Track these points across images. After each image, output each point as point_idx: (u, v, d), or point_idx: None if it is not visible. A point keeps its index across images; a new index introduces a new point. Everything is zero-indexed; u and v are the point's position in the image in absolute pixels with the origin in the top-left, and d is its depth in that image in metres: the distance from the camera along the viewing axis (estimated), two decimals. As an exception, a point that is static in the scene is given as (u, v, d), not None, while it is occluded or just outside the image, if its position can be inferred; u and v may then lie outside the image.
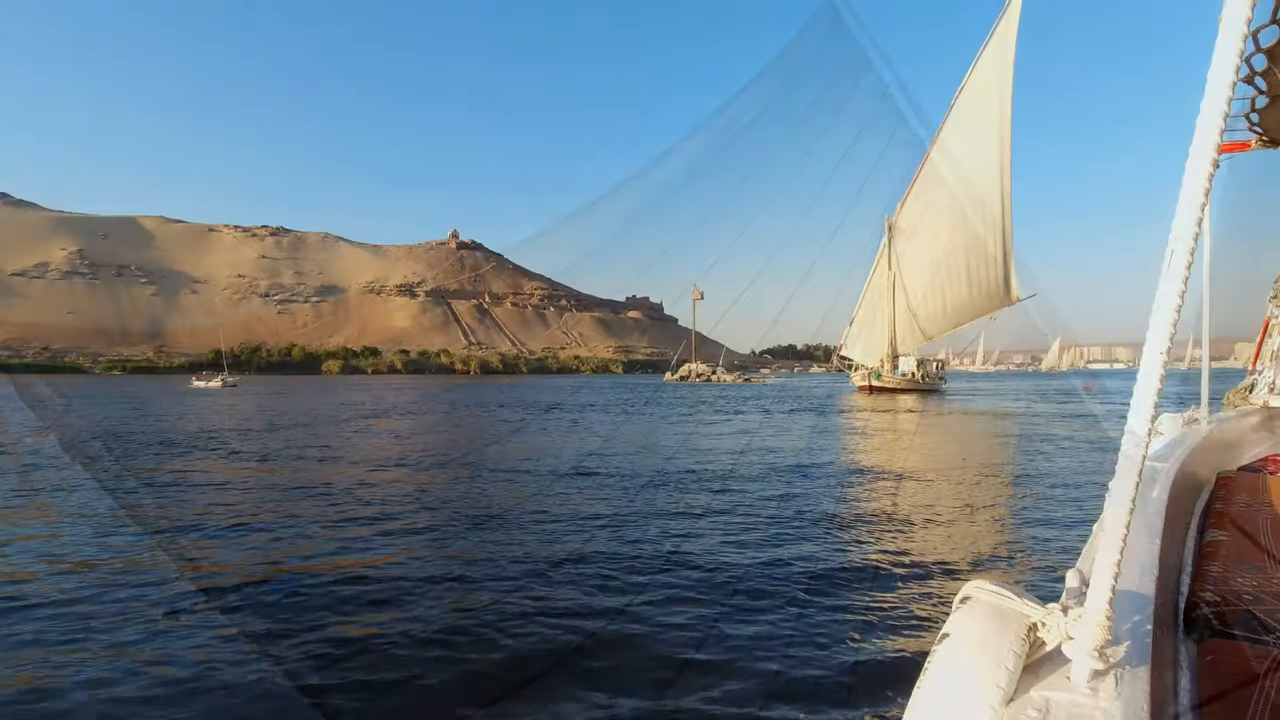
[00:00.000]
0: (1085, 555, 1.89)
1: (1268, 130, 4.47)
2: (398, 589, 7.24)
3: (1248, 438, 4.90)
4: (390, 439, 23.51)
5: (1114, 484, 1.25)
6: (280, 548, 8.98)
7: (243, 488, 13.63)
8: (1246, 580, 2.00)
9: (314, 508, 11.53)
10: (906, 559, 8.30)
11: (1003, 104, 46.32)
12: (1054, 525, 10.11)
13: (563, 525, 10.20)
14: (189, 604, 6.83)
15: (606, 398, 55.04)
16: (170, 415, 34.57)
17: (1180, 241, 1.16)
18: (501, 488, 13.65)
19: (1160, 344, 1.18)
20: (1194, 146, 1.15)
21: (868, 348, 58.53)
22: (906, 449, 20.34)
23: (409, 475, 15.23)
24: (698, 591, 7.13)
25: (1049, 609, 1.27)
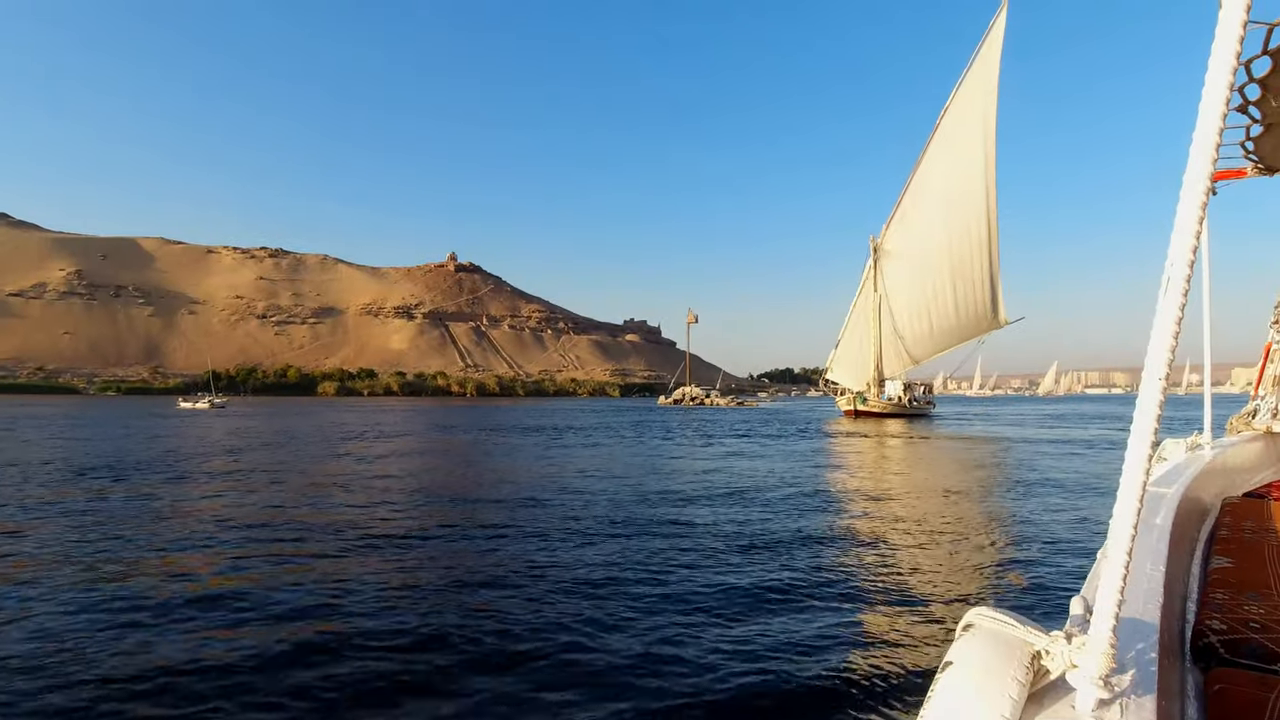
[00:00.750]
0: (1089, 582, 1.86)
1: (1263, 158, 4.51)
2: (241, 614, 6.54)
3: (1252, 463, 4.93)
4: (351, 461, 22.76)
5: (1117, 509, 1.24)
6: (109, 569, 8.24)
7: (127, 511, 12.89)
8: (1254, 608, 1.98)
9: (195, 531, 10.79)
10: (892, 586, 8.10)
11: (987, 124, 46.13)
12: (1031, 552, 9.86)
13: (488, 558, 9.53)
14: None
15: (590, 421, 54.26)
16: (133, 436, 33.78)
17: (1176, 268, 1.16)
18: (442, 513, 12.93)
19: (1159, 370, 1.18)
20: (1187, 174, 1.16)
21: (853, 371, 57.69)
22: (888, 474, 19.79)
23: (342, 501, 14.48)
24: (678, 620, 6.84)
25: (1053, 636, 1.25)
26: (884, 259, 53.95)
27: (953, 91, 48.17)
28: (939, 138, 49.44)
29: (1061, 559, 9.41)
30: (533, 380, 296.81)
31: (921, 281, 51.51)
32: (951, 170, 48.27)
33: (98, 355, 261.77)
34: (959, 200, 48.02)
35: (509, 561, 9.25)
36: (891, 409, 55.00)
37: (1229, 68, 1.12)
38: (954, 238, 48.68)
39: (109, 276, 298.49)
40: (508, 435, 36.39)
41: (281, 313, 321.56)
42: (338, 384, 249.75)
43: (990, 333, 49.46)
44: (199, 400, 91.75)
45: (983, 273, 48.03)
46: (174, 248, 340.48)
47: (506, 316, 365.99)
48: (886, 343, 54.76)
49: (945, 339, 51.76)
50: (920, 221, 51.12)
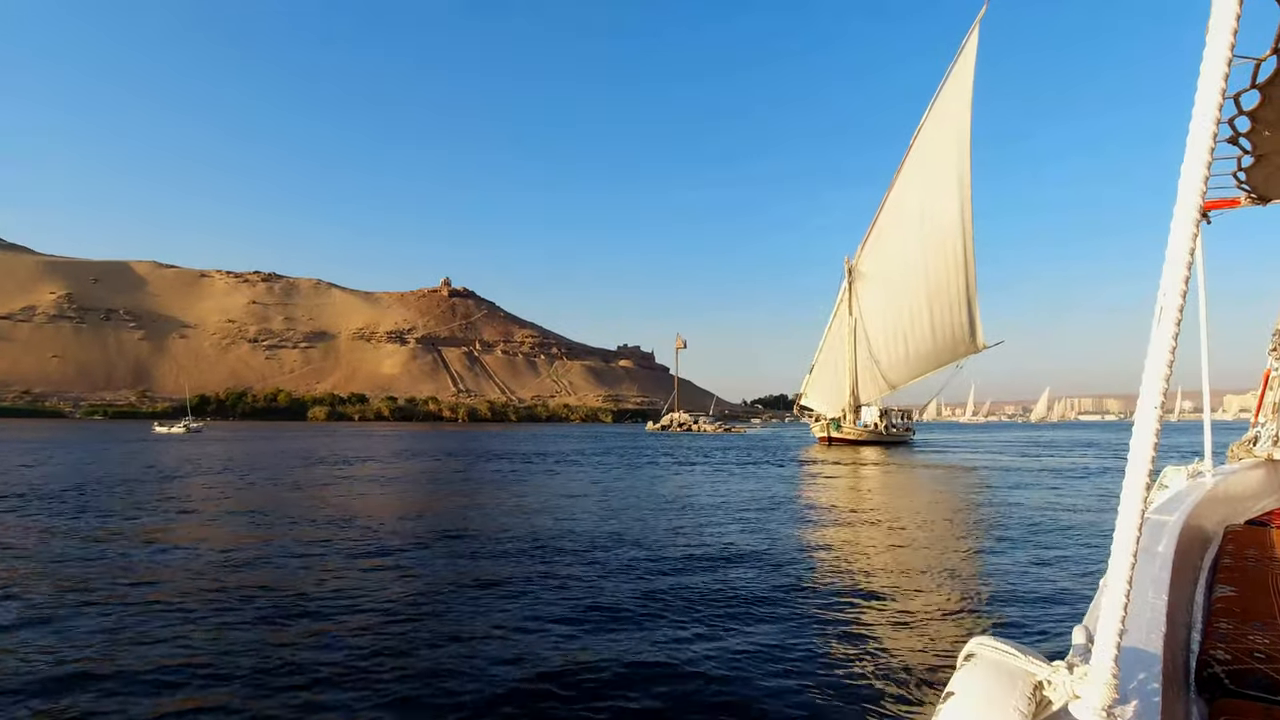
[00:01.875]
0: (1092, 611, 1.85)
1: (1255, 188, 4.55)
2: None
3: (1254, 491, 4.93)
4: (288, 489, 21.59)
5: (1116, 537, 1.23)
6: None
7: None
8: (1259, 638, 1.97)
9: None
10: (855, 626, 7.79)
11: (961, 141, 45.24)
12: (996, 585, 9.64)
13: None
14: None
15: (567, 447, 53.11)
16: (95, 461, 32.55)
17: (1169, 297, 1.16)
18: (361, 543, 11.85)
19: (1154, 398, 1.18)
20: (1178, 205, 1.17)
21: (829, 397, 55.93)
22: (854, 505, 18.86)
23: (257, 528, 13.35)
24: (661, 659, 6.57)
25: (1055, 667, 1.24)
26: (859, 281, 52.51)
27: (927, 108, 47.36)
28: (914, 155, 48.42)
29: (1027, 591, 9.22)
30: (525, 406, 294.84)
31: (897, 304, 50.09)
32: (927, 189, 47.24)
33: (86, 379, 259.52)
34: (934, 220, 46.93)
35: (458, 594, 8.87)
36: (868, 436, 53.18)
37: (1215, 103, 1.14)
38: (930, 259, 47.49)
39: (100, 300, 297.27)
40: (474, 461, 35.27)
41: (273, 337, 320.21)
42: (328, 409, 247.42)
43: (968, 357, 48.16)
44: (174, 425, 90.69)
45: (960, 295, 46.74)
46: (166, 271, 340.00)
47: (500, 342, 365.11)
48: (862, 368, 53.06)
49: (923, 363, 50.23)
50: (895, 242, 49.89)
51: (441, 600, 8.60)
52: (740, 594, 8.95)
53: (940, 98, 46.27)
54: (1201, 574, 2.86)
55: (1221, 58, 1.13)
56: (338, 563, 10.65)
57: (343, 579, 9.56)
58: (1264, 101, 3.18)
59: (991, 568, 10.76)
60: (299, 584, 9.22)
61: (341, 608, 8.11)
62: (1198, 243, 1.17)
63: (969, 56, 44.78)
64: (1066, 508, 17.85)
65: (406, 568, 10.38)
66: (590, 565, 10.62)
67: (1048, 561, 11.00)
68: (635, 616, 7.94)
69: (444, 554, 11.45)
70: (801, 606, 8.45)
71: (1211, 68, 1.14)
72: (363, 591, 8.87)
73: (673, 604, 8.49)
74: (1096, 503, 19.12)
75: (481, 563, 10.79)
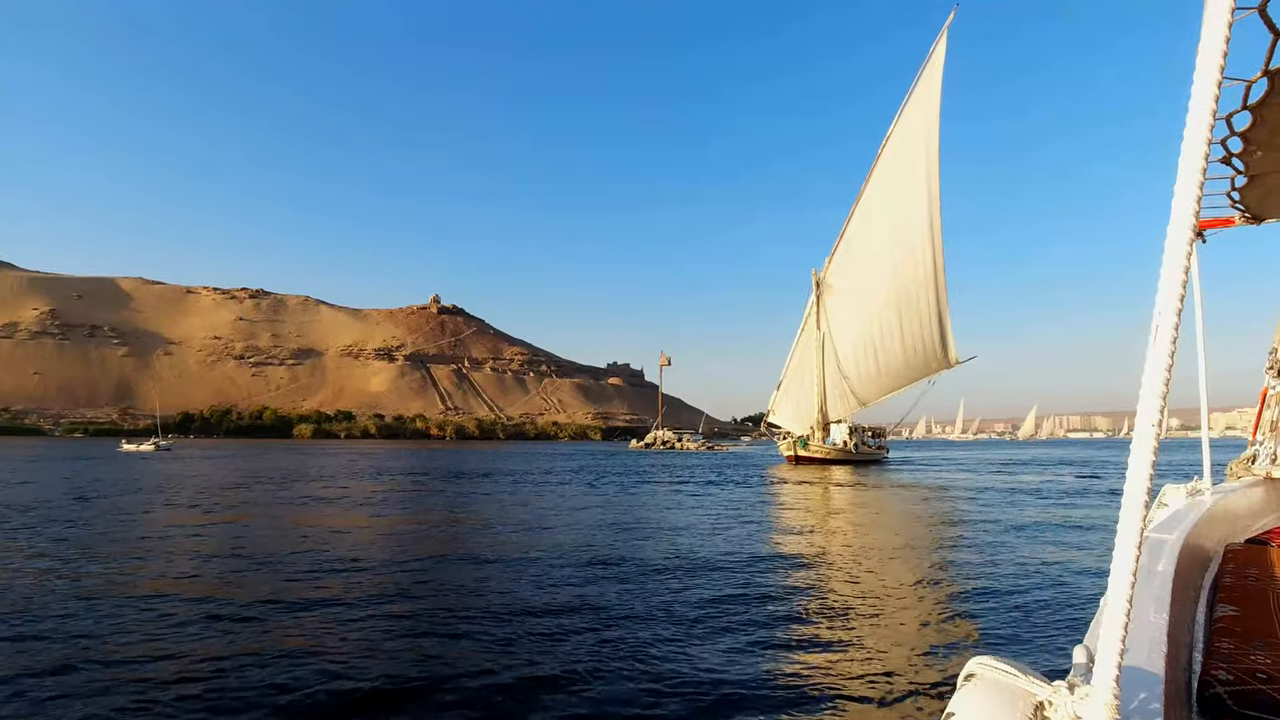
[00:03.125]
0: (1092, 630, 1.84)
1: (1249, 207, 4.64)
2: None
3: (1254, 509, 4.95)
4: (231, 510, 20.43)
5: (1116, 556, 1.23)
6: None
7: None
8: (1261, 658, 1.97)
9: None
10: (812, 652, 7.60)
11: (930, 150, 44.20)
12: (946, 613, 9.35)
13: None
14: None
15: (544, 465, 51.78)
16: (38, 483, 31.20)
17: (1164, 316, 1.17)
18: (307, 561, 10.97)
19: (1152, 416, 1.18)
20: (1171, 225, 1.18)
21: (797, 414, 53.92)
22: (815, 527, 17.93)
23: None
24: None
25: (1055, 687, 1.24)
26: (827, 294, 50.96)
27: (895, 116, 46.25)
28: (882, 165, 47.21)
29: (979, 614, 9.03)
30: (513, 423, 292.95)
31: (866, 318, 48.60)
32: (895, 199, 46.01)
33: (67, 396, 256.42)
34: (903, 231, 45.67)
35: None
36: (836, 455, 51.18)
37: (1207, 124, 1.16)
38: (899, 272, 46.14)
39: (84, 316, 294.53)
40: (446, 481, 34.21)
41: (260, 354, 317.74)
42: (314, 426, 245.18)
43: (941, 373, 46.86)
44: (143, 443, 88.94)
45: (930, 308, 45.40)
46: (152, 288, 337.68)
47: (489, 359, 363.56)
48: (830, 384, 51.35)
49: (893, 379, 48.77)
50: (864, 254, 48.45)
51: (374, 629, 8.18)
52: (684, 622, 8.55)
53: (908, 105, 45.25)
54: (1202, 593, 2.85)
55: (1212, 80, 1.14)
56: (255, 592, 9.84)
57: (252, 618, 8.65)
58: (1256, 123, 3.23)
59: (942, 590, 10.54)
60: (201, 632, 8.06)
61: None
62: (1192, 261, 1.21)
63: (936, 63, 43.85)
64: (1025, 530, 17.17)
65: (331, 603, 9.55)
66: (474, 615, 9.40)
67: (994, 590, 10.65)
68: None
69: (366, 581, 10.68)
70: (760, 632, 8.18)
71: (1202, 89, 1.16)
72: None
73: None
74: (1051, 523, 18.34)
75: (395, 586, 10.38)
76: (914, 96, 44.88)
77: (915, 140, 44.89)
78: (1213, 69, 1.14)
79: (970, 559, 13.07)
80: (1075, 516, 20.10)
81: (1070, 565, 12.32)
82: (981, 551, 13.87)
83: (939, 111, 43.81)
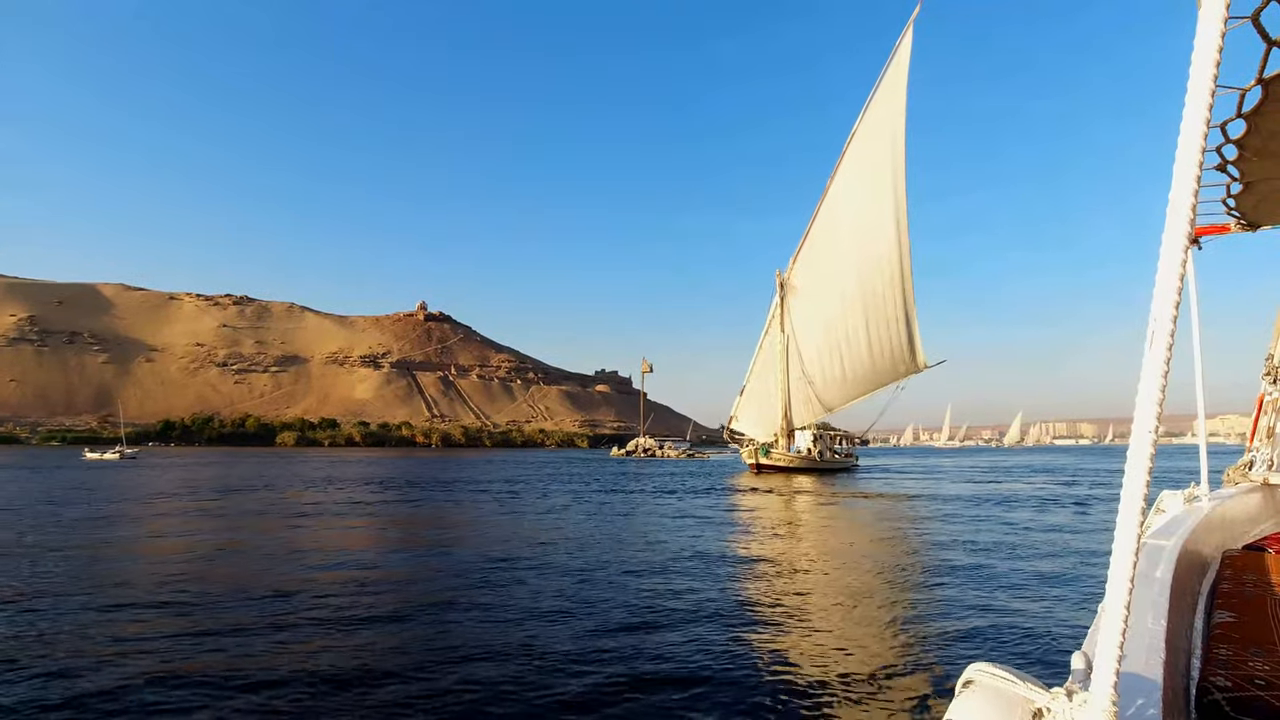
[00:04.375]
0: (1090, 637, 1.85)
1: (1245, 214, 4.64)
2: None
3: (1251, 515, 4.96)
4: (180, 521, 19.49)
5: (1113, 562, 1.23)
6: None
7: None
8: (1259, 664, 1.98)
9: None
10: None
11: (896, 146, 42.77)
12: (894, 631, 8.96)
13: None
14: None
15: (517, 473, 50.57)
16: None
17: (1160, 322, 1.18)
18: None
19: (1148, 422, 1.18)
20: (1167, 230, 1.18)
21: (761, 420, 51.79)
22: (766, 541, 17.06)
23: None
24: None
25: (1053, 694, 1.24)
26: (791, 296, 48.94)
27: (861, 111, 44.61)
28: (847, 162, 45.46)
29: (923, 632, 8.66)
30: (500, 431, 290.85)
31: (831, 321, 46.82)
32: (860, 197, 44.35)
33: (45, 404, 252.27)
34: (869, 230, 44.07)
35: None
36: (800, 462, 48.92)
37: (1201, 132, 1.17)
38: (865, 273, 44.50)
39: (64, 323, 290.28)
40: (405, 490, 33.30)
41: (243, 361, 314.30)
42: (298, 434, 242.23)
43: (910, 377, 45.43)
44: (106, 451, 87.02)
45: (897, 310, 43.78)
46: (134, 294, 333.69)
47: (475, 366, 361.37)
48: (795, 389, 49.26)
49: (860, 384, 46.99)
50: (829, 255, 46.64)
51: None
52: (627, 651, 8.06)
53: (874, 100, 43.66)
54: (1200, 599, 2.85)
55: (1205, 88, 1.15)
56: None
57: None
58: (1250, 130, 3.22)
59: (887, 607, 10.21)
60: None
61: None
62: (1187, 268, 1.11)
63: (903, 58, 42.45)
64: (981, 542, 16.52)
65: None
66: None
67: (944, 601, 10.36)
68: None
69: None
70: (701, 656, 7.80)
71: (1196, 97, 1.16)
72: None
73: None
74: (1011, 535, 17.63)
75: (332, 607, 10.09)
76: (879, 91, 43.43)
77: (881, 136, 43.42)
78: (1206, 77, 1.15)
79: (918, 571, 12.84)
80: (1036, 526, 19.43)
81: (1019, 574, 11.95)
82: (929, 564, 13.58)
83: (905, 107, 42.38)
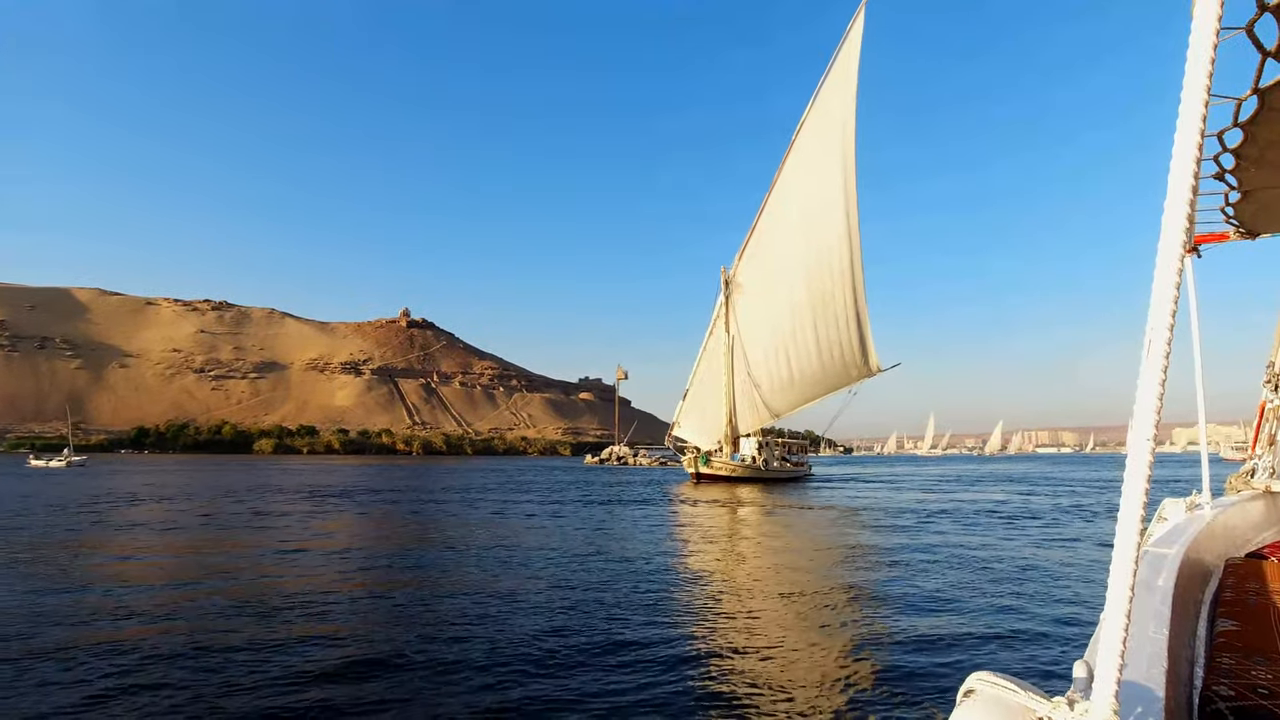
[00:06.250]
0: (1092, 645, 1.82)
1: (1243, 222, 4.66)
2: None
3: (1253, 523, 4.89)
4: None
5: (1113, 571, 1.22)
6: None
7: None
8: (1262, 673, 1.96)
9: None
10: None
11: (846, 137, 40.83)
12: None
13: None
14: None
15: (477, 481, 48.54)
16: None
17: (1157, 331, 1.17)
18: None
19: (1146, 430, 1.18)
20: (1162, 240, 1.18)
21: (704, 427, 48.77)
22: (687, 561, 15.84)
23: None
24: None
25: (1055, 703, 1.23)
26: (737, 294, 46.20)
27: (810, 100, 42.32)
28: (795, 154, 43.22)
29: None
30: (481, 439, 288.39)
31: (779, 321, 44.20)
32: (809, 190, 42.15)
33: (14, 410, 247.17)
34: (818, 226, 41.84)
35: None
36: (744, 471, 45.83)
37: (1196, 142, 1.17)
38: (813, 269, 42.24)
39: (36, 327, 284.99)
40: (339, 500, 31.82)
41: (221, 367, 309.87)
42: (275, 441, 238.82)
43: (862, 382, 43.17)
44: (53, 459, 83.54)
45: (848, 309, 41.54)
46: (110, 299, 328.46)
47: (458, 373, 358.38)
48: (740, 393, 46.36)
49: (809, 389, 44.40)
50: (776, 250, 44.18)
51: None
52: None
53: (823, 89, 41.41)
54: (1203, 608, 2.82)
55: (1199, 98, 1.15)
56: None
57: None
58: (1247, 139, 3.21)
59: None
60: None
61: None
62: (1184, 277, 1.18)
63: (853, 44, 40.22)
64: (917, 559, 15.54)
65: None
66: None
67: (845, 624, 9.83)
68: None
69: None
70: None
71: (1190, 108, 1.16)
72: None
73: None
74: (956, 551, 16.64)
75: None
76: (829, 80, 41.46)
77: (831, 126, 41.35)
78: (1200, 86, 1.14)
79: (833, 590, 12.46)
80: (973, 543, 18.46)
81: (952, 592, 11.54)
82: (846, 583, 13.13)
83: (855, 95, 40.17)
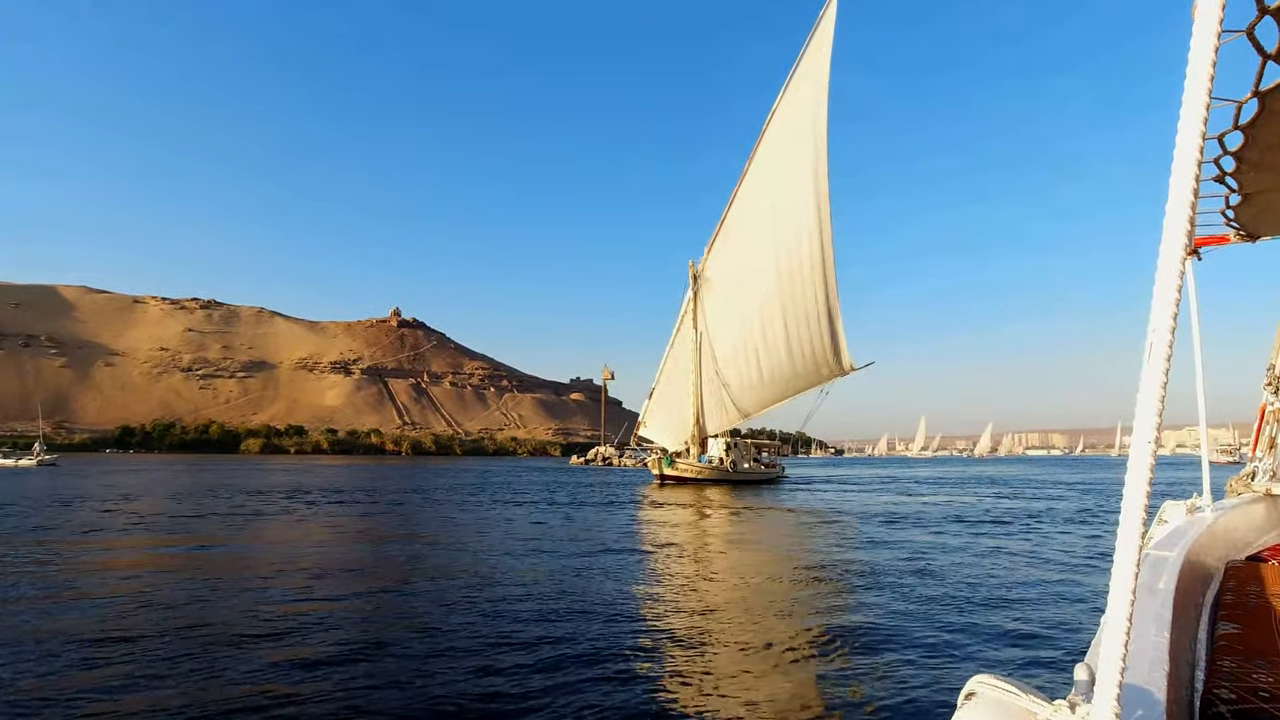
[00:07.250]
0: (1093, 649, 1.82)
1: (1244, 225, 4.68)
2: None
3: (1254, 526, 4.91)
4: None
5: (1115, 574, 1.22)
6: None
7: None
8: (1263, 676, 1.97)
9: None
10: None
11: (817, 128, 39.66)
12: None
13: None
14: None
15: (453, 481, 47.47)
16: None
17: (1159, 334, 1.18)
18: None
19: (1148, 433, 1.18)
20: (1164, 242, 1.18)
21: (671, 426, 47.66)
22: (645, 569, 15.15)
23: None
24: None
25: (1056, 706, 1.23)
26: (705, 289, 45.21)
27: (781, 89, 41.19)
28: (766, 143, 42.08)
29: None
30: (471, 439, 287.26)
31: (747, 317, 43.16)
32: (778, 181, 41.06)
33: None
34: (787, 219, 40.82)
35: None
36: (710, 473, 44.66)
37: (1196, 145, 1.17)
38: (783, 264, 41.18)
39: (20, 325, 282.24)
40: (301, 498, 30.77)
41: (209, 366, 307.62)
42: (263, 441, 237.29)
43: (834, 381, 42.05)
44: (21, 458, 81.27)
45: (819, 307, 40.48)
46: (97, 297, 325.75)
47: (448, 374, 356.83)
48: (708, 392, 45.29)
49: (780, 387, 43.28)
50: (745, 243, 43.12)
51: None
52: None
53: (794, 77, 40.37)
54: (1204, 611, 2.84)
55: (1200, 101, 1.15)
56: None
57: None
58: (1248, 142, 3.21)
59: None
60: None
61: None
62: (1185, 280, 1.14)
63: (826, 30, 39.20)
64: (900, 565, 14.72)
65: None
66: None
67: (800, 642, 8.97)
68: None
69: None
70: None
71: (1191, 110, 1.16)
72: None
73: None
74: (913, 559, 15.68)
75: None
76: (800, 68, 40.35)
77: (802, 116, 40.27)
78: (1201, 89, 1.15)
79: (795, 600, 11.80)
80: (939, 546, 17.75)
81: (917, 607, 10.89)
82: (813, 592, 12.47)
83: (828, 84, 39.24)
